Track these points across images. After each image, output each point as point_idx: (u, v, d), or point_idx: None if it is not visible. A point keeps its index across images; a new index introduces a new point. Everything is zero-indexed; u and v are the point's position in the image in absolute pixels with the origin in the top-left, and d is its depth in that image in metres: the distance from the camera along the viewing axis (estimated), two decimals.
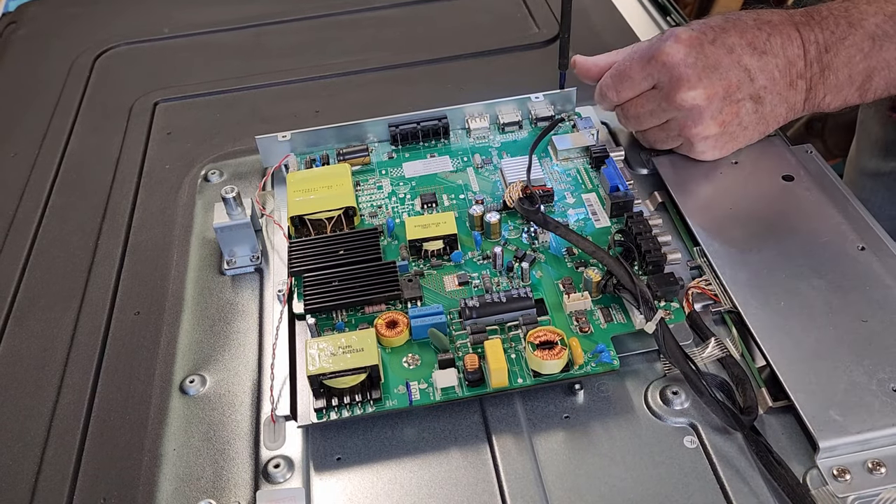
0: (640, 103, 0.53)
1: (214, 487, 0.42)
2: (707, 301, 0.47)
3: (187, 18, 0.84)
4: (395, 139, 0.59)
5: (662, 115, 0.52)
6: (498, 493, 0.40)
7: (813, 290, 0.46)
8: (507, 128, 0.60)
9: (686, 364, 0.42)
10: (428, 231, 0.50)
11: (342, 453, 0.43)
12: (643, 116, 0.54)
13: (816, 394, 0.40)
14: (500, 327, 0.45)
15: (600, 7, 0.79)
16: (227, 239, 0.53)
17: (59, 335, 0.51)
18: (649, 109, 0.53)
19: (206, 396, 0.46)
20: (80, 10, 0.88)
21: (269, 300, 0.51)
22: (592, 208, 0.53)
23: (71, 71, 0.78)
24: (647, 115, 0.53)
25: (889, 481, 0.38)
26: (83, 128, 0.70)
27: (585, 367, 0.43)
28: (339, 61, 0.75)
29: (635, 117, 0.54)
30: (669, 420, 0.42)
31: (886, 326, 0.43)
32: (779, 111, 0.52)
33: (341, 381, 0.42)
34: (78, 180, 0.64)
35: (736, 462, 0.40)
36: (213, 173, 0.62)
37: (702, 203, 0.52)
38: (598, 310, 0.46)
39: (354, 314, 0.47)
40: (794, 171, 0.53)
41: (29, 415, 0.46)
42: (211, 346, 0.49)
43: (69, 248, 0.57)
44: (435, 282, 0.49)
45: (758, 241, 0.49)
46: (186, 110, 0.71)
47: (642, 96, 0.53)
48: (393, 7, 0.83)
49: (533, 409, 0.43)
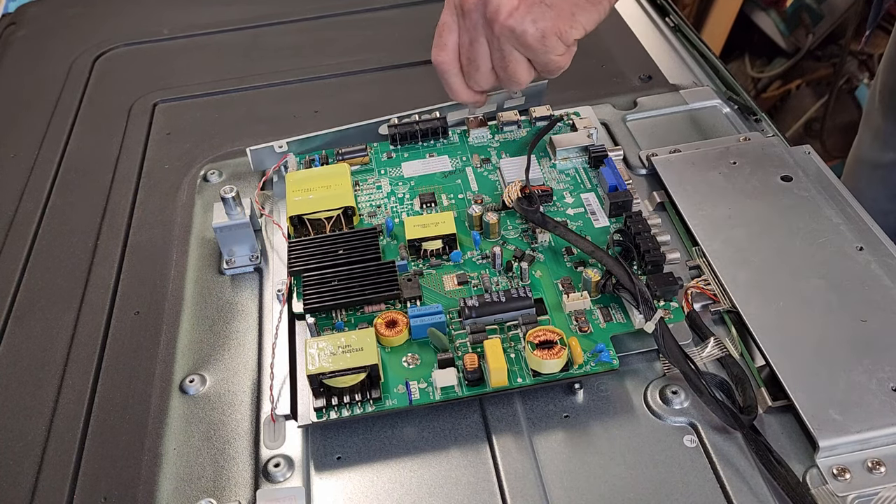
0: (462, 44, 0.50)
1: (214, 487, 0.42)
2: (706, 301, 0.47)
3: (186, 19, 0.84)
4: (393, 139, 0.59)
5: (475, 33, 0.49)
6: (498, 492, 0.40)
7: (812, 290, 0.46)
8: (506, 127, 0.60)
9: (685, 363, 0.42)
10: (427, 231, 0.50)
11: (342, 453, 0.43)
12: (468, 51, 0.50)
13: (816, 393, 0.40)
14: (499, 327, 0.45)
15: None
16: (226, 239, 0.53)
17: (59, 335, 0.51)
18: (468, 40, 0.50)
19: (206, 396, 0.46)
20: (79, 11, 0.88)
21: (268, 300, 0.51)
22: (591, 208, 0.53)
23: (70, 72, 0.78)
24: (468, 47, 0.50)
25: (889, 480, 0.38)
26: (83, 128, 0.70)
27: (585, 366, 0.43)
28: (339, 61, 0.75)
29: (470, 61, 0.51)
30: (669, 419, 0.42)
31: (886, 326, 0.43)
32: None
33: (341, 380, 0.42)
34: (78, 181, 0.64)
35: (736, 461, 0.40)
36: (213, 173, 0.62)
37: (701, 203, 0.52)
38: (597, 309, 0.46)
39: (354, 314, 0.47)
40: (793, 172, 0.53)
41: (29, 415, 0.46)
42: (211, 345, 0.49)
43: (69, 248, 0.57)
44: (434, 281, 0.49)
45: (757, 241, 0.49)
46: (186, 111, 0.71)
47: (459, 37, 0.50)
48: (392, 7, 0.83)
49: (533, 408, 0.44)
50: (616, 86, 0.68)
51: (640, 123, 0.63)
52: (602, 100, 0.65)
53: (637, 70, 0.70)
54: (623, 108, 0.64)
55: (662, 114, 0.63)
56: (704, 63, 0.70)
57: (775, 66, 1.64)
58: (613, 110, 0.64)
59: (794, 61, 1.59)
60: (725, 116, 0.63)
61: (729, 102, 0.64)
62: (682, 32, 0.74)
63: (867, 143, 0.83)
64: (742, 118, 0.62)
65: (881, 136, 0.80)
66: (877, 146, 0.81)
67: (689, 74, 0.69)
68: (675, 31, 0.75)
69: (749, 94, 0.64)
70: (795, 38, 1.60)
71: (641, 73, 0.69)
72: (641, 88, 0.67)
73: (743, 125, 0.61)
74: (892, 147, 0.79)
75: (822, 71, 1.59)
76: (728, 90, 0.65)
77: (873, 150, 0.81)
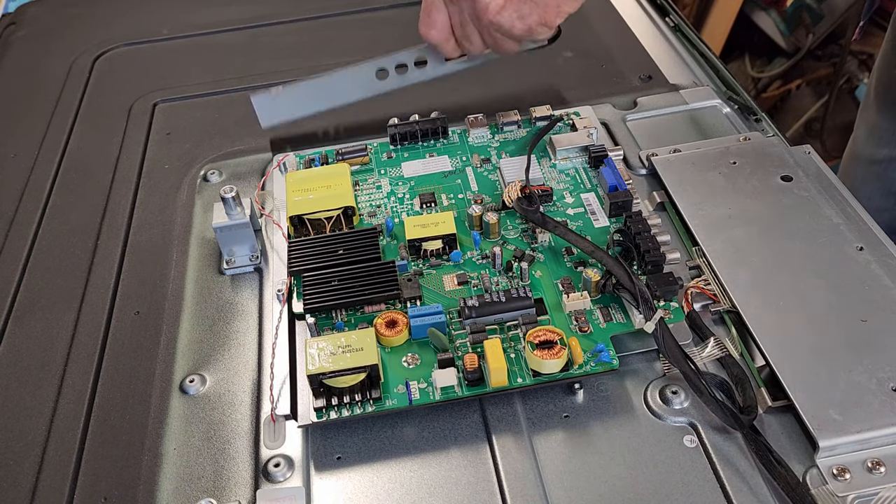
0: (454, 24, 0.51)
1: (215, 487, 0.42)
2: (706, 301, 0.47)
3: (186, 19, 0.84)
4: (393, 139, 0.59)
5: (464, 17, 0.50)
6: (498, 492, 0.40)
7: (812, 289, 0.46)
8: (506, 127, 0.60)
9: (685, 363, 0.42)
10: (427, 231, 0.50)
11: (342, 452, 0.43)
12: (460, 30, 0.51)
13: (816, 393, 0.40)
14: (499, 327, 0.45)
15: (600, 7, 0.79)
16: (226, 239, 0.53)
17: (59, 335, 0.51)
18: (458, 21, 0.51)
19: (206, 396, 0.46)
20: (79, 11, 0.88)
21: (268, 300, 0.51)
22: (591, 208, 0.53)
23: (70, 72, 0.78)
24: (460, 27, 0.51)
25: (888, 480, 0.38)
26: (83, 128, 0.70)
27: (585, 366, 0.43)
28: (338, 61, 0.75)
29: (463, 37, 0.52)
30: (669, 419, 0.42)
31: (886, 326, 0.43)
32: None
33: (341, 380, 0.42)
34: (78, 181, 0.64)
35: (736, 461, 0.40)
36: (213, 173, 0.62)
37: (701, 203, 0.52)
38: (597, 309, 0.46)
39: (354, 314, 0.47)
40: (793, 172, 0.53)
41: (29, 414, 0.46)
42: (211, 345, 0.49)
43: (69, 248, 0.57)
44: (434, 281, 0.49)
45: (757, 241, 0.49)
46: (186, 111, 0.71)
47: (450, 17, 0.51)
48: (392, 7, 0.83)
49: (533, 408, 0.44)
50: (616, 86, 0.68)
51: (640, 123, 0.63)
52: (602, 100, 0.65)
53: (637, 70, 0.70)
54: (623, 108, 0.64)
55: (662, 114, 0.63)
56: (704, 63, 0.70)
57: (775, 65, 1.64)
58: (613, 110, 0.64)
59: (795, 61, 1.59)
60: (725, 116, 0.63)
61: (729, 102, 0.64)
62: (682, 32, 0.74)
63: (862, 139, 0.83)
64: (742, 118, 0.62)
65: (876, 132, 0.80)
66: (872, 142, 0.81)
67: (689, 74, 0.69)
68: (675, 31, 0.75)
69: (749, 94, 0.64)
70: (795, 37, 1.60)
71: (641, 73, 0.69)
72: (641, 88, 0.67)
73: (743, 125, 0.61)
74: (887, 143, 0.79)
75: (822, 71, 1.59)
76: (728, 90, 0.65)
77: (868, 146, 0.81)
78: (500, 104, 0.61)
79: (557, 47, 0.59)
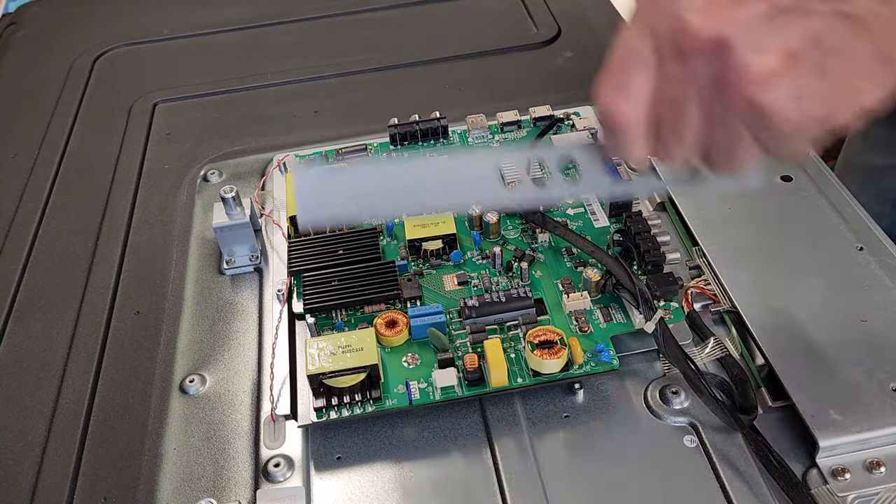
0: (660, 98, 0.32)
1: (215, 487, 0.42)
2: (706, 301, 0.47)
3: (187, 19, 0.84)
4: (393, 139, 0.59)
5: (688, 88, 0.31)
6: (498, 492, 0.40)
7: (812, 290, 0.46)
8: (506, 127, 0.60)
9: (685, 364, 0.42)
10: (427, 231, 0.50)
11: (342, 452, 0.43)
12: (671, 112, 0.32)
13: (816, 393, 0.40)
14: (499, 327, 0.45)
15: (600, 7, 0.79)
16: (226, 239, 0.53)
17: (59, 335, 0.51)
18: (673, 95, 0.32)
19: (206, 396, 0.46)
20: (79, 11, 0.88)
21: (268, 300, 0.51)
22: (591, 208, 0.53)
23: (71, 72, 0.78)
24: (672, 106, 0.32)
25: (888, 480, 0.38)
26: (83, 128, 0.70)
27: (585, 366, 0.43)
28: (339, 61, 0.75)
29: (671, 127, 0.33)
30: (669, 419, 0.42)
31: (886, 326, 0.43)
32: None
33: (341, 380, 0.42)
34: (77, 181, 0.64)
35: (736, 461, 0.40)
36: (213, 173, 0.62)
37: (701, 202, 0.52)
38: (597, 309, 0.46)
39: (354, 314, 0.47)
40: (793, 172, 0.53)
41: (29, 415, 0.46)
42: (211, 345, 0.49)
43: (69, 248, 0.57)
44: (434, 281, 0.49)
45: (757, 240, 0.49)
46: (186, 111, 0.71)
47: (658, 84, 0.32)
48: (392, 7, 0.83)
49: (533, 408, 0.44)
50: None
51: None
52: None
53: None
54: None
55: None
56: None
57: None
58: None
59: None
60: None
61: None
62: None
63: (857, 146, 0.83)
64: None
65: (871, 139, 0.80)
66: (866, 149, 0.80)
67: None
68: None
69: None
70: None
71: None
72: None
73: None
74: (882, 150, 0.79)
75: None
76: None
77: (863, 153, 0.81)
78: (500, 104, 0.61)
79: (557, 47, 0.59)
